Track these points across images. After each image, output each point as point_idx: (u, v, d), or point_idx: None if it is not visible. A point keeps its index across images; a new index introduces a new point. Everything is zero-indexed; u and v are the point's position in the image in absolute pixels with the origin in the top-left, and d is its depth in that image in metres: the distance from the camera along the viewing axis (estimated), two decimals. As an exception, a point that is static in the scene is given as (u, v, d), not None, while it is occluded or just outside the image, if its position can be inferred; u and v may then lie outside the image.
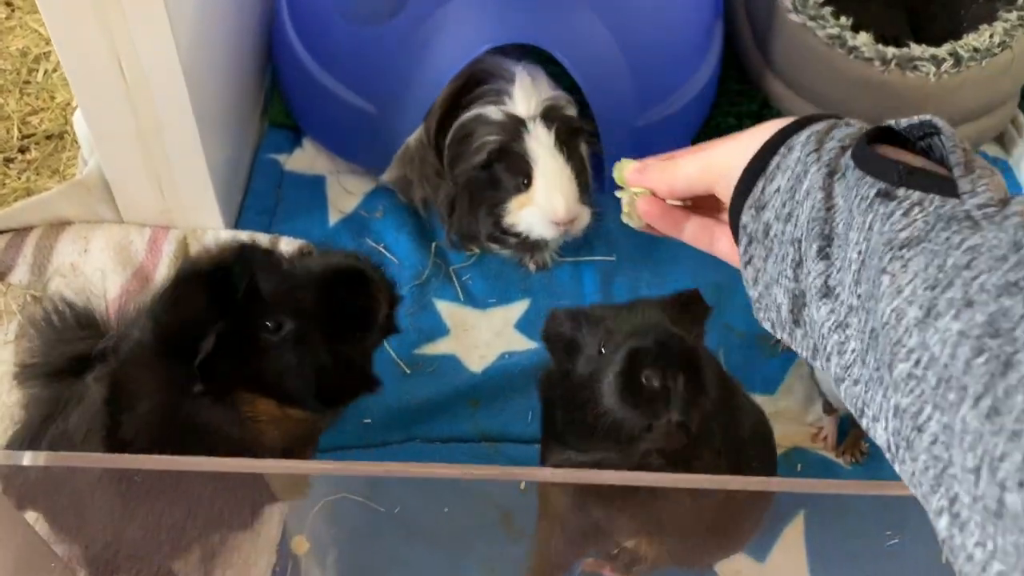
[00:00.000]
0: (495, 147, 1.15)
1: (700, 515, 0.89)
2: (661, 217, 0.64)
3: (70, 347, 0.92)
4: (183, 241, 1.26)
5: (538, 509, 0.97)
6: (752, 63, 1.51)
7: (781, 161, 0.53)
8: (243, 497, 0.96)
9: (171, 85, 1.08)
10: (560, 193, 1.15)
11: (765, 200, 0.54)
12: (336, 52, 1.32)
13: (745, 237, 0.55)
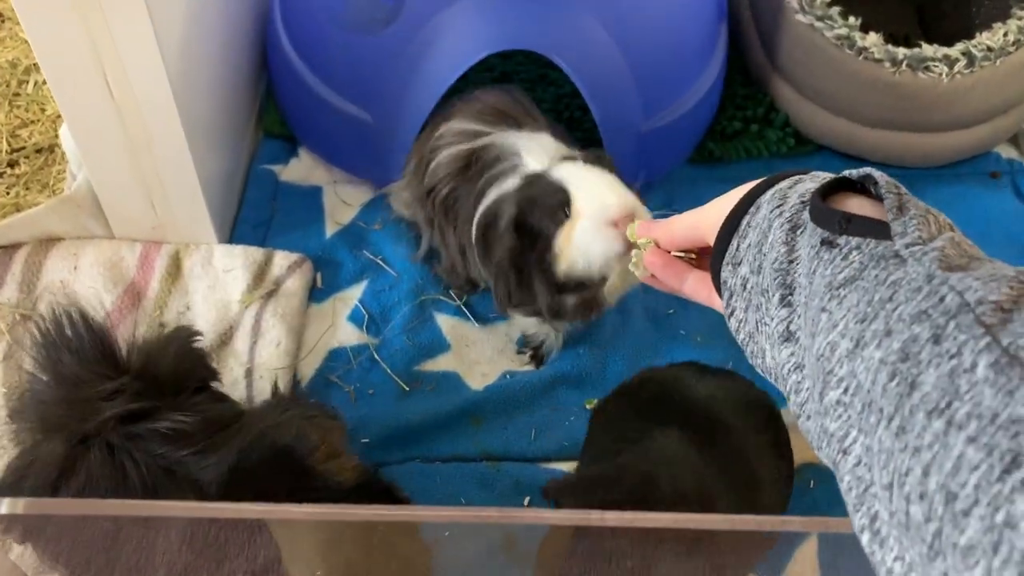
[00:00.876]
0: (519, 199, 1.01)
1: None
2: (664, 267, 0.69)
3: (89, 388, 0.84)
4: (176, 256, 1.23)
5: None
6: (758, 66, 1.48)
7: (751, 219, 0.58)
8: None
9: (158, 97, 1.05)
10: (608, 189, 0.98)
11: (741, 256, 0.58)
12: (332, 61, 1.29)
13: (727, 291, 0.60)
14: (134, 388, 0.83)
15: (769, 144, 1.43)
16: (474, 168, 1.10)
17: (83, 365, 0.85)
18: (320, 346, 1.19)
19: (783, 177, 0.59)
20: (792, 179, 0.58)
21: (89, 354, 0.86)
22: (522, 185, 1.03)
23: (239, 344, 1.16)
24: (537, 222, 1.01)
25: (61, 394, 0.84)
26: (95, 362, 0.86)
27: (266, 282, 1.21)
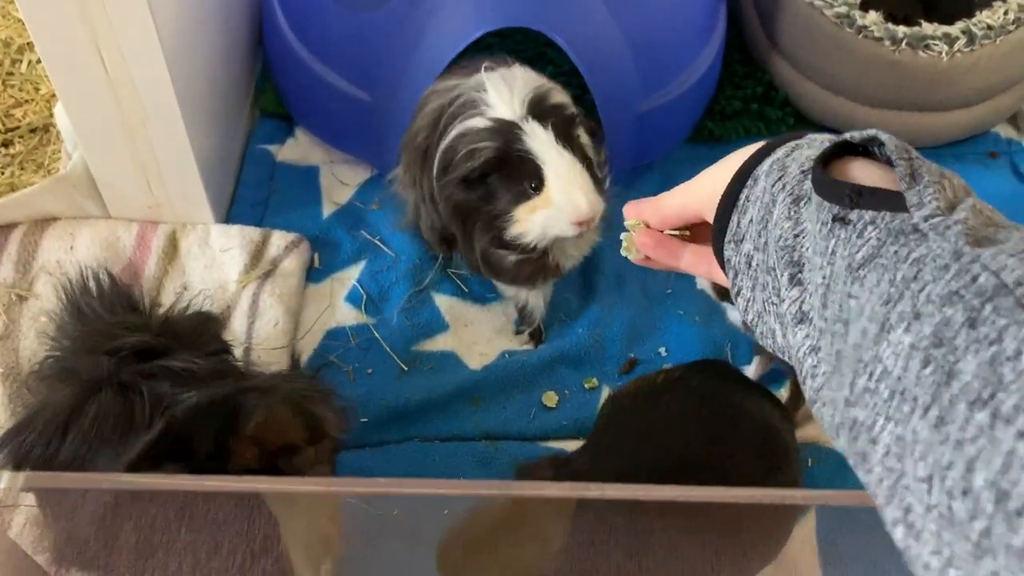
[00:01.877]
0: (492, 156, 1.03)
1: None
2: (657, 247, 0.67)
3: (110, 327, 0.88)
4: (172, 236, 1.23)
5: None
6: (757, 44, 1.47)
7: (749, 193, 0.55)
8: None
9: (154, 75, 1.04)
10: (579, 190, 1.03)
11: (742, 232, 0.56)
12: (329, 39, 1.28)
13: (731, 270, 0.58)
14: (154, 329, 0.86)
15: (769, 123, 1.42)
16: (445, 114, 1.10)
17: (107, 311, 0.89)
18: (318, 326, 1.19)
19: (778, 144, 0.56)
20: (788, 146, 0.55)
21: (113, 302, 0.90)
22: (493, 133, 1.03)
23: (237, 324, 1.16)
24: (500, 182, 1.04)
25: (82, 339, 0.87)
26: (120, 308, 0.90)
27: (263, 262, 1.21)
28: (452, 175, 1.06)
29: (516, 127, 1.03)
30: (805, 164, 0.53)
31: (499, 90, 1.07)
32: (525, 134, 1.03)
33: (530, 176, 1.03)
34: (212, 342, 0.95)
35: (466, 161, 1.04)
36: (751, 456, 0.96)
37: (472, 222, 1.08)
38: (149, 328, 0.90)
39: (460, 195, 1.06)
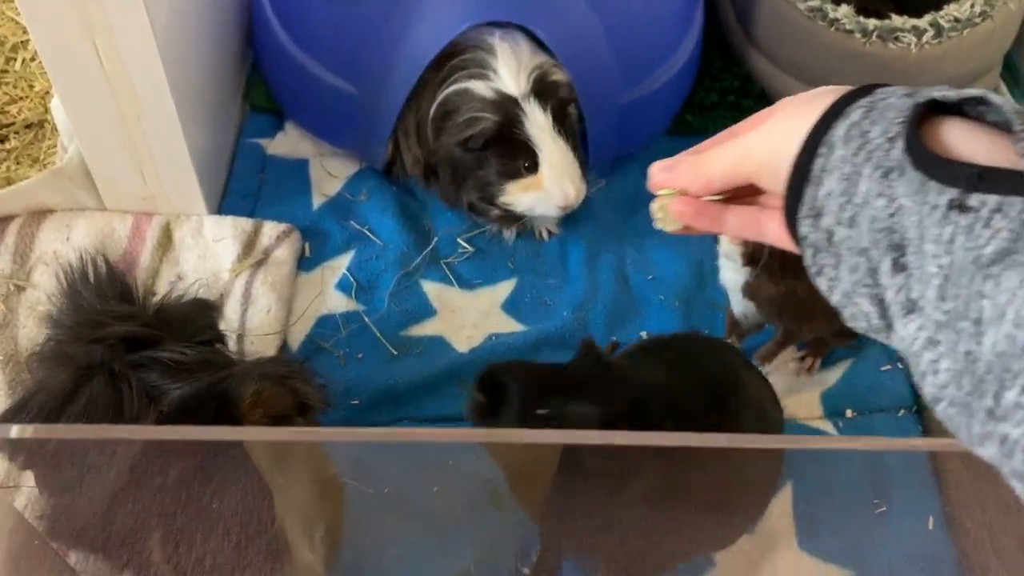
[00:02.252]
0: (492, 132, 1.15)
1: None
2: (697, 216, 0.59)
3: (102, 315, 0.89)
4: (167, 227, 1.26)
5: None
6: (734, 38, 1.51)
7: (825, 163, 0.50)
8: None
9: (149, 70, 1.07)
10: (569, 180, 1.17)
11: (819, 206, 0.50)
12: (316, 33, 1.31)
13: (809, 248, 0.52)
14: (144, 319, 0.87)
15: (746, 115, 1.45)
16: (448, 55, 1.19)
17: (101, 299, 0.90)
18: (309, 313, 1.23)
19: (848, 102, 0.50)
20: (861, 107, 0.49)
21: (107, 290, 0.92)
22: (497, 107, 1.14)
23: (230, 311, 1.19)
24: (496, 155, 1.17)
25: (77, 326, 0.88)
26: (112, 297, 0.91)
27: (255, 251, 1.24)
28: (450, 134, 1.17)
29: (518, 106, 1.14)
30: (891, 130, 0.47)
31: (508, 62, 1.16)
32: (526, 116, 1.15)
33: (525, 156, 1.16)
34: (205, 331, 0.96)
35: (467, 127, 1.16)
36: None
37: (463, 177, 1.21)
38: (141, 317, 0.91)
39: (457, 153, 1.18)
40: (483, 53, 1.18)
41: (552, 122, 1.16)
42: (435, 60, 1.19)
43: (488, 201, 1.22)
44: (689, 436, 0.81)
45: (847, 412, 1.17)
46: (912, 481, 1.11)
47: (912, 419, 1.17)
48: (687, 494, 0.89)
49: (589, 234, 1.32)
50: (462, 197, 1.25)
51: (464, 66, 1.18)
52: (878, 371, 1.21)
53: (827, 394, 1.19)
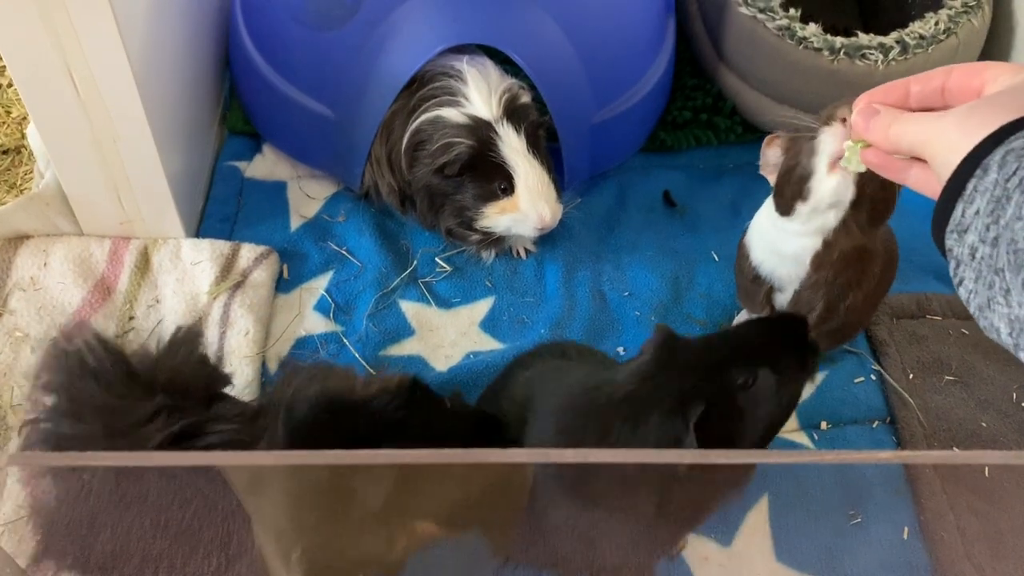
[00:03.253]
0: (467, 156, 1.16)
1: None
2: (883, 166, 0.68)
3: (125, 416, 0.82)
4: (144, 251, 1.26)
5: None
6: (705, 57, 1.54)
7: (978, 183, 0.53)
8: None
9: (124, 94, 1.08)
10: (545, 201, 1.19)
11: (967, 223, 0.54)
12: (292, 57, 1.32)
13: (952, 260, 0.56)
14: (168, 406, 0.82)
15: (718, 132, 1.49)
16: (416, 83, 1.21)
17: (113, 394, 0.83)
18: (287, 335, 1.23)
19: (1011, 132, 0.53)
20: (1023, 139, 0.52)
21: (116, 381, 0.84)
22: (470, 132, 1.16)
23: (209, 334, 1.19)
24: (471, 180, 1.19)
25: (98, 427, 0.82)
26: (125, 388, 0.84)
27: (233, 274, 1.25)
28: (426, 162, 1.18)
29: (492, 130, 1.16)
30: None
31: (479, 86, 1.18)
32: (500, 139, 1.16)
33: (501, 179, 1.18)
34: (217, 382, 0.93)
35: (442, 154, 1.17)
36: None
37: (440, 203, 1.23)
38: (164, 407, 0.83)
39: (433, 181, 1.20)
40: (452, 80, 1.20)
41: (526, 144, 1.17)
42: (403, 90, 1.21)
43: (466, 226, 1.23)
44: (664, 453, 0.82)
45: (822, 424, 1.18)
46: (887, 492, 1.12)
47: (886, 430, 1.18)
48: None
49: (565, 252, 1.34)
50: (440, 224, 1.26)
51: (433, 95, 1.20)
52: (852, 383, 1.22)
53: (802, 406, 1.20)
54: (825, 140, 0.94)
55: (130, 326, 1.20)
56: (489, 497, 0.85)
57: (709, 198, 1.42)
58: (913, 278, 1.33)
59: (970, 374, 1.24)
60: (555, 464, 0.82)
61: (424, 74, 1.22)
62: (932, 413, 1.18)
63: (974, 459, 1.13)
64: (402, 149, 1.22)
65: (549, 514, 0.90)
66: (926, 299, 1.31)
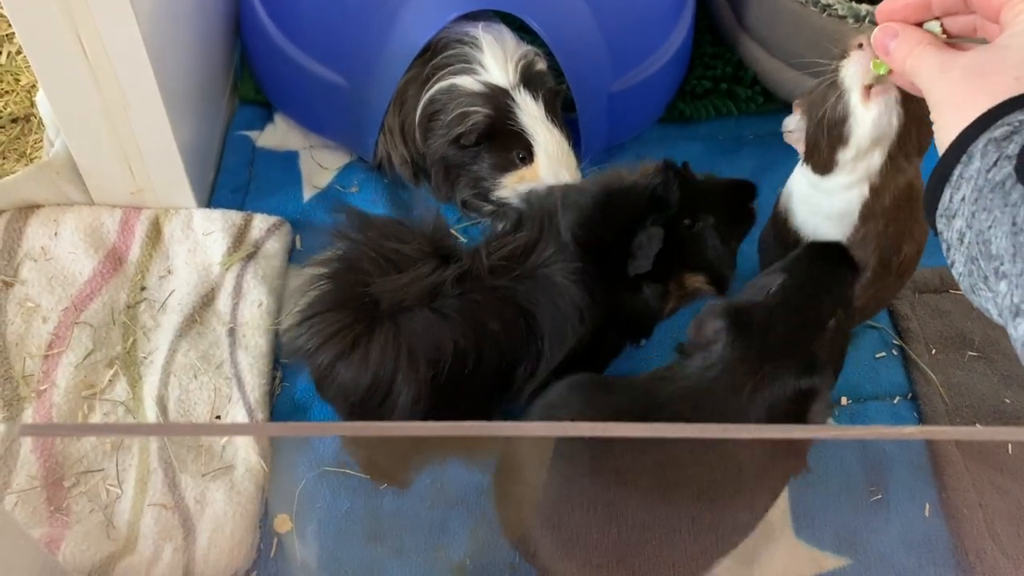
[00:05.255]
0: (484, 126, 1.13)
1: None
2: (906, 87, 0.71)
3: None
4: (156, 221, 1.25)
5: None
6: (726, 25, 1.50)
7: (963, 170, 0.54)
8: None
9: (134, 61, 1.06)
10: (565, 168, 1.16)
11: (954, 209, 0.55)
12: (305, 25, 1.30)
13: (944, 243, 0.57)
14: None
15: (738, 102, 1.46)
16: (429, 51, 1.18)
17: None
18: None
19: (996, 115, 0.53)
20: (1007, 126, 0.53)
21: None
22: (487, 100, 1.13)
23: (221, 305, 1.18)
24: (489, 149, 1.16)
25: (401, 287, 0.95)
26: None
27: (246, 244, 1.23)
28: (441, 132, 1.15)
29: (509, 97, 1.13)
30: (1015, 152, 0.51)
31: (494, 53, 1.15)
32: (518, 107, 1.13)
33: (519, 147, 1.15)
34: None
35: (458, 123, 1.14)
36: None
37: (456, 175, 1.20)
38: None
39: (449, 152, 1.17)
40: (466, 47, 1.16)
41: (545, 112, 1.14)
42: (416, 58, 1.18)
43: (482, 197, 1.21)
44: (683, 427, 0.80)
45: (842, 400, 1.17)
46: (908, 468, 1.11)
47: (908, 406, 1.16)
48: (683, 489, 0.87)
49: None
50: (456, 195, 1.23)
51: (448, 63, 1.17)
52: (873, 359, 1.20)
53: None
54: (851, 70, 0.89)
55: (142, 297, 1.19)
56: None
57: (729, 170, 1.40)
58: (936, 251, 1.30)
59: (993, 349, 1.21)
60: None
61: (438, 42, 1.20)
62: (954, 389, 1.17)
63: (997, 435, 1.12)
64: (416, 120, 1.20)
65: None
66: (949, 273, 1.28)
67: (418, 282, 0.94)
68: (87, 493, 1.03)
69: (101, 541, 0.99)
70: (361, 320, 0.93)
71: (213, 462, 1.06)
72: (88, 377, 1.11)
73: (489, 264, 0.97)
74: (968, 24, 0.67)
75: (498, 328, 0.95)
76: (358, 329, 0.93)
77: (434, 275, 0.95)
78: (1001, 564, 1.03)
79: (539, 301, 0.96)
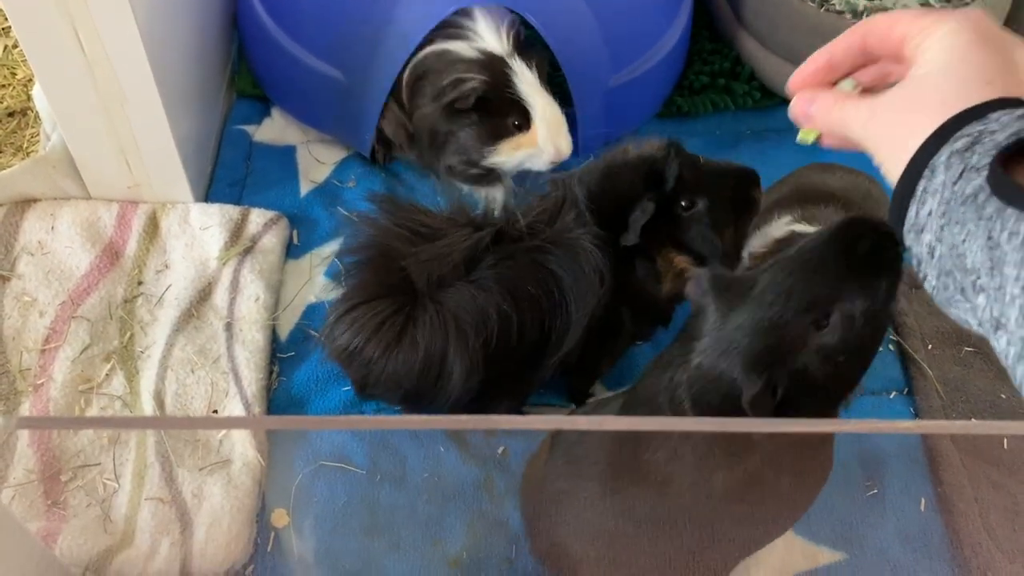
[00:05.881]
0: (481, 92, 1.14)
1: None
2: (846, 148, 0.67)
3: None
4: (153, 215, 1.25)
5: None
6: (723, 20, 1.50)
7: (927, 184, 0.54)
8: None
9: (132, 56, 1.06)
10: (563, 136, 1.18)
11: (922, 223, 0.55)
12: (302, 19, 1.30)
13: (914, 259, 0.57)
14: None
15: (736, 98, 1.46)
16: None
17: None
18: (298, 301, 1.22)
19: (953, 128, 0.54)
20: (967, 137, 0.52)
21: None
22: (483, 67, 1.14)
23: (218, 299, 1.18)
24: (484, 118, 1.16)
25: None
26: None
27: (243, 239, 1.23)
28: (432, 97, 1.15)
29: (505, 64, 1.13)
30: (982, 162, 0.50)
31: (487, 21, 1.15)
32: (515, 74, 1.14)
33: (515, 115, 1.16)
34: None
35: (452, 89, 1.14)
36: None
37: (443, 141, 1.20)
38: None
39: (439, 119, 1.17)
40: (457, 15, 1.17)
41: (540, 80, 1.16)
42: None
43: (470, 163, 1.21)
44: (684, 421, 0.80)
45: (839, 395, 1.17)
46: (904, 463, 1.11)
47: (904, 401, 1.17)
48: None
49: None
50: (441, 161, 1.24)
51: (442, 28, 1.17)
52: (869, 353, 1.20)
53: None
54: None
55: (139, 291, 1.19)
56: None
57: (726, 165, 1.40)
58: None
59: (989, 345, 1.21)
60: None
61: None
62: (950, 384, 1.17)
63: (992, 430, 1.12)
64: (403, 80, 1.19)
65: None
66: (946, 269, 1.29)
67: (457, 246, 0.96)
68: (84, 487, 1.03)
69: (98, 535, 0.99)
70: (404, 305, 0.95)
71: (210, 457, 1.06)
72: (85, 371, 1.11)
73: (526, 222, 0.99)
74: (878, 73, 0.68)
75: (537, 292, 0.97)
76: (402, 315, 0.95)
77: (471, 240, 0.97)
78: (996, 558, 1.03)
79: (566, 265, 0.98)
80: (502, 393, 1.02)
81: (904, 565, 1.03)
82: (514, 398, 1.06)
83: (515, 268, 0.97)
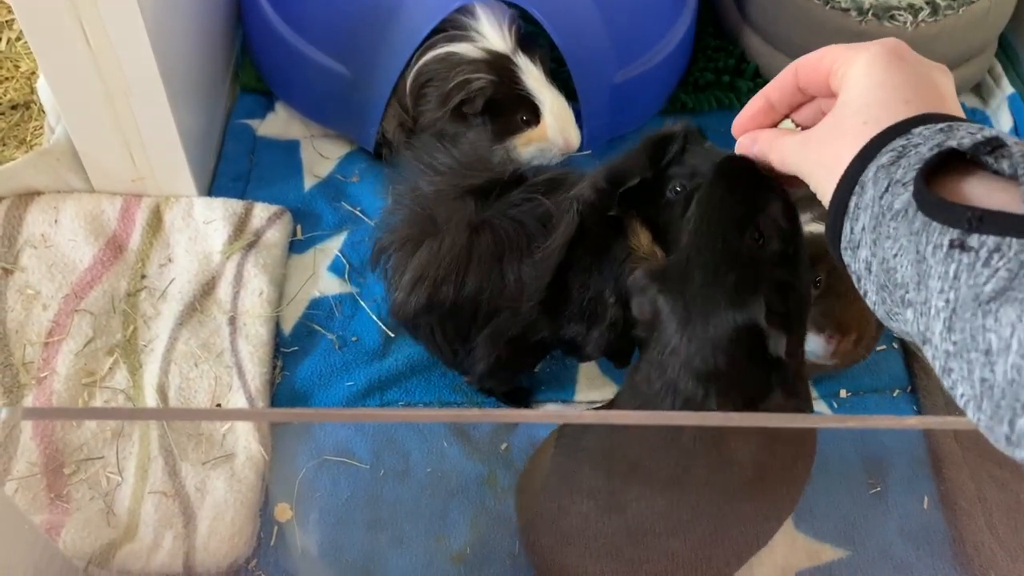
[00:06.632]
0: (489, 94, 1.14)
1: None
2: (796, 184, 0.69)
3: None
4: (156, 209, 1.24)
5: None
6: (728, 17, 1.50)
7: (859, 200, 0.55)
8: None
9: (136, 48, 1.06)
10: (571, 127, 1.20)
11: (856, 239, 0.56)
12: (307, 13, 1.30)
13: (853, 275, 0.58)
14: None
15: (740, 95, 1.45)
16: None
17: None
18: (302, 295, 1.22)
19: (879, 144, 0.55)
20: (895, 151, 0.54)
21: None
22: (490, 67, 1.14)
23: (222, 294, 1.18)
24: (493, 117, 1.17)
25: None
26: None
27: (247, 233, 1.23)
28: (438, 101, 1.16)
29: (510, 62, 1.14)
30: (907, 176, 0.51)
31: (490, 19, 1.16)
32: (521, 71, 1.15)
33: (524, 111, 1.17)
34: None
35: (459, 91, 1.14)
36: None
37: (451, 143, 1.17)
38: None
39: (447, 123, 1.17)
40: (458, 14, 1.17)
41: (545, 74, 1.17)
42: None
43: None
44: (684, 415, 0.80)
45: (841, 392, 1.17)
46: (907, 461, 1.11)
47: (907, 399, 1.17)
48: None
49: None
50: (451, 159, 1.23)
51: (442, 28, 1.17)
52: (873, 351, 1.20)
53: (822, 374, 1.19)
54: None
55: (142, 285, 1.19)
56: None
57: (730, 162, 1.40)
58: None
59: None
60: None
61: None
62: (954, 382, 1.17)
63: (995, 429, 1.12)
64: (407, 88, 1.19)
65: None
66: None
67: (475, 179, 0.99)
68: (87, 480, 1.03)
69: (101, 528, 0.99)
70: (457, 238, 0.96)
71: (213, 450, 1.06)
72: (88, 365, 1.11)
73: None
74: (815, 110, 0.70)
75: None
76: (459, 248, 0.95)
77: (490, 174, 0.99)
78: (999, 556, 1.03)
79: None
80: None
81: (907, 563, 1.03)
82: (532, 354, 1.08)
83: (543, 204, 0.98)
